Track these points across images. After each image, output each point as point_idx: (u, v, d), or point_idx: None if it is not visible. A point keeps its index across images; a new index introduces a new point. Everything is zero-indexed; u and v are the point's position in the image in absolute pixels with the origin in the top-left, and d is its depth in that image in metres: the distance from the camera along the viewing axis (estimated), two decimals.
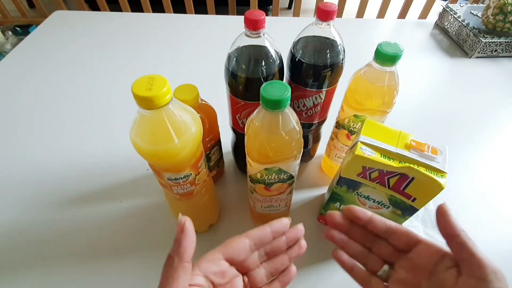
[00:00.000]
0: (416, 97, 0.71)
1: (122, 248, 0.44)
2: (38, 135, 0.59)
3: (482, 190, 0.53)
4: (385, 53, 0.34)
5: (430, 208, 0.48)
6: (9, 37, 1.78)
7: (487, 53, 0.82)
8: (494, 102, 0.71)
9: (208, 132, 0.42)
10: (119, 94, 0.68)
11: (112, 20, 0.95)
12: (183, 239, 0.21)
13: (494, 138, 0.62)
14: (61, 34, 0.87)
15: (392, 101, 0.39)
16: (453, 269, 0.23)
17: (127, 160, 0.54)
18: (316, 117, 0.44)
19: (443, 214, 0.24)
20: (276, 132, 0.31)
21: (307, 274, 0.42)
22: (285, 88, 0.29)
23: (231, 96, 0.40)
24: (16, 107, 0.65)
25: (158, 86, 0.25)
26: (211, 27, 0.93)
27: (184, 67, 0.77)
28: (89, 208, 0.48)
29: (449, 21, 0.91)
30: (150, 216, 0.47)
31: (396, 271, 0.26)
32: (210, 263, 0.24)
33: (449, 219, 0.23)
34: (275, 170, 0.34)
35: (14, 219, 0.47)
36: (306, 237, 0.46)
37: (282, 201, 0.41)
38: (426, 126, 0.63)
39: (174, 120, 0.28)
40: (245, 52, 0.36)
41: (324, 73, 0.38)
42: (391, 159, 0.31)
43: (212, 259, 0.24)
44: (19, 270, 0.42)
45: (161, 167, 0.32)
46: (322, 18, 0.35)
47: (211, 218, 0.46)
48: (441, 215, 0.24)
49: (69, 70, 0.75)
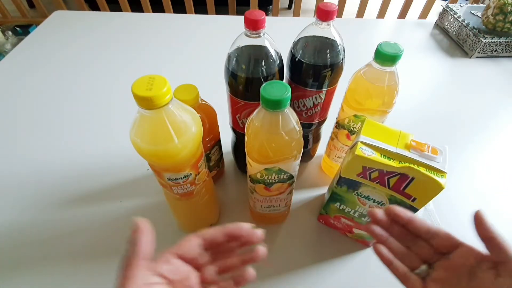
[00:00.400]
0: (416, 97, 0.71)
1: (122, 248, 0.44)
2: (38, 135, 0.59)
3: (482, 190, 0.53)
4: (385, 53, 0.34)
5: (430, 208, 0.48)
6: (9, 37, 1.78)
7: (487, 53, 0.82)
8: (494, 102, 0.71)
9: (208, 132, 0.42)
10: (119, 94, 0.68)
11: (112, 20, 0.95)
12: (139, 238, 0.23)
13: (494, 138, 0.62)
14: (61, 34, 0.87)
15: (392, 101, 0.39)
16: (492, 270, 0.24)
17: (127, 160, 0.54)
18: (316, 117, 0.44)
19: (480, 220, 0.25)
20: (276, 132, 0.31)
21: (307, 274, 0.42)
22: (285, 88, 0.29)
23: (231, 96, 0.40)
24: (16, 107, 0.65)
25: (158, 86, 0.25)
26: (211, 27, 0.93)
27: (184, 67, 0.77)
28: (89, 208, 0.48)
29: (449, 21, 0.91)
30: (150, 216, 0.46)
31: (436, 270, 0.27)
32: (162, 263, 0.25)
33: (486, 224, 0.25)
34: (275, 170, 0.34)
35: (14, 219, 0.47)
36: (306, 237, 0.46)
37: (282, 201, 0.41)
38: (426, 126, 0.63)
39: (174, 120, 0.28)
40: (245, 52, 0.36)
41: (324, 73, 0.38)
42: (391, 159, 0.31)
43: (164, 259, 0.25)
44: (19, 270, 0.42)
45: (161, 167, 0.32)
46: (322, 18, 0.35)
47: (211, 218, 0.46)
48: (479, 220, 0.25)
49: (69, 70, 0.75)
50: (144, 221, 0.23)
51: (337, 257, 0.44)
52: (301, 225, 0.47)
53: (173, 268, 0.25)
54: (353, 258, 0.44)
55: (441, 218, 0.47)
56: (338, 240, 0.45)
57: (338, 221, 0.44)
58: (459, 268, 0.26)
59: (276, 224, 0.47)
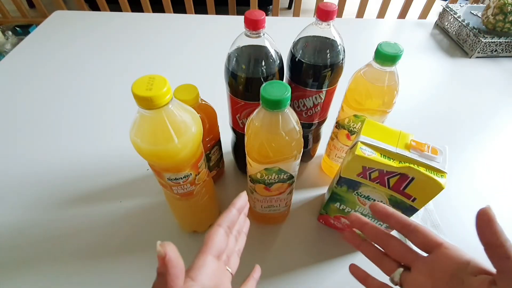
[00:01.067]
0: (416, 97, 0.71)
1: (122, 248, 0.44)
2: (38, 135, 0.59)
3: (482, 190, 0.53)
4: (385, 53, 0.34)
5: (430, 208, 0.48)
6: (9, 37, 1.78)
7: (487, 53, 0.82)
8: (494, 102, 0.71)
9: (208, 132, 0.42)
10: (119, 94, 0.68)
11: (112, 20, 0.95)
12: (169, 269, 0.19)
13: (494, 138, 0.62)
14: (61, 34, 0.87)
15: (392, 101, 0.39)
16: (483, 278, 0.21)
17: (127, 160, 0.54)
18: (316, 117, 0.44)
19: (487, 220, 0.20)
20: (276, 132, 0.31)
21: (307, 274, 0.42)
22: (285, 88, 0.29)
23: (231, 96, 0.40)
24: (16, 107, 0.65)
25: (158, 86, 0.25)
26: (211, 27, 0.93)
27: (184, 67, 0.77)
28: (89, 208, 0.48)
29: (449, 21, 0.91)
30: (150, 216, 0.47)
31: (412, 273, 0.25)
32: (201, 269, 0.23)
33: (493, 226, 0.20)
34: (275, 170, 0.34)
35: (14, 219, 0.47)
36: (306, 237, 0.46)
37: (282, 201, 0.41)
38: (426, 126, 0.63)
39: (174, 120, 0.28)
40: (245, 52, 0.36)
41: (324, 73, 0.38)
42: (391, 159, 0.31)
43: (202, 264, 0.23)
44: (19, 270, 0.42)
45: (161, 167, 0.32)
46: (322, 18, 0.35)
47: (211, 218, 0.46)
48: (484, 221, 0.20)
49: (69, 70, 0.75)
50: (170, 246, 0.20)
51: (337, 257, 0.44)
52: (301, 225, 0.47)
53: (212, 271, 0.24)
54: (353, 258, 0.44)
55: (441, 218, 0.47)
56: (338, 240, 0.45)
57: (338, 221, 0.44)
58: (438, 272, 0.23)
59: (276, 224, 0.47)
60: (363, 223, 0.28)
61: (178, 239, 0.45)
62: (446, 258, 0.23)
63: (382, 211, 0.26)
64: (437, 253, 0.23)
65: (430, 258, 0.24)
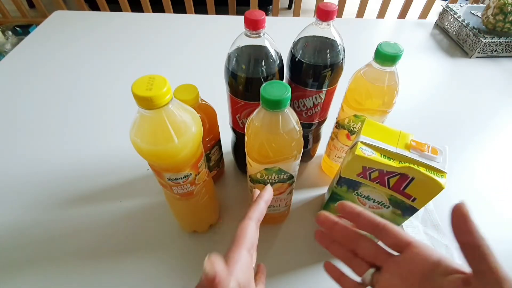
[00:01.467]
0: (416, 97, 0.71)
1: (122, 248, 0.44)
2: (38, 135, 0.59)
3: (482, 190, 0.53)
4: (385, 53, 0.34)
5: (430, 208, 0.48)
6: (9, 37, 1.78)
7: (487, 53, 0.82)
8: (494, 102, 0.71)
9: (208, 132, 0.42)
10: (119, 94, 0.68)
11: (112, 20, 0.95)
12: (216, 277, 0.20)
13: (494, 138, 0.62)
14: (61, 34, 0.87)
15: (392, 101, 0.39)
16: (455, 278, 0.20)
17: (127, 160, 0.54)
18: (316, 117, 0.44)
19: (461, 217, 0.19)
20: (276, 132, 0.31)
21: (307, 274, 0.42)
22: (285, 88, 0.29)
23: (231, 96, 0.40)
24: (16, 107, 0.65)
25: (158, 86, 0.25)
26: (211, 27, 0.93)
27: (184, 67, 0.77)
28: (89, 208, 0.48)
29: (449, 21, 0.91)
30: (150, 216, 0.47)
31: (384, 275, 0.24)
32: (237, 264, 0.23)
33: (468, 224, 0.19)
34: (275, 170, 0.34)
35: (14, 219, 0.47)
36: (306, 237, 0.46)
37: (282, 201, 0.41)
38: (426, 126, 0.63)
39: (174, 120, 0.28)
40: (245, 52, 0.36)
41: (324, 73, 0.38)
42: (391, 159, 0.31)
43: (238, 259, 0.23)
44: (19, 270, 0.42)
45: (161, 167, 0.32)
46: (322, 18, 0.35)
47: (211, 218, 0.46)
48: (458, 218, 0.20)
49: (69, 70, 0.75)
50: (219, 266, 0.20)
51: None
52: (301, 225, 0.47)
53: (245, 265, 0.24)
54: None
55: (441, 218, 0.47)
56: None
57: None
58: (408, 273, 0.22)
59: (276, 224, 0.47)
60: (332, 223, 0.27)
61: (178, 239, 0.45)
62: (416, 258, 0.22)
63: (350, 211, 0.26)
64: (407, 252, 0.23)
65: (400, 258, 0.23)
